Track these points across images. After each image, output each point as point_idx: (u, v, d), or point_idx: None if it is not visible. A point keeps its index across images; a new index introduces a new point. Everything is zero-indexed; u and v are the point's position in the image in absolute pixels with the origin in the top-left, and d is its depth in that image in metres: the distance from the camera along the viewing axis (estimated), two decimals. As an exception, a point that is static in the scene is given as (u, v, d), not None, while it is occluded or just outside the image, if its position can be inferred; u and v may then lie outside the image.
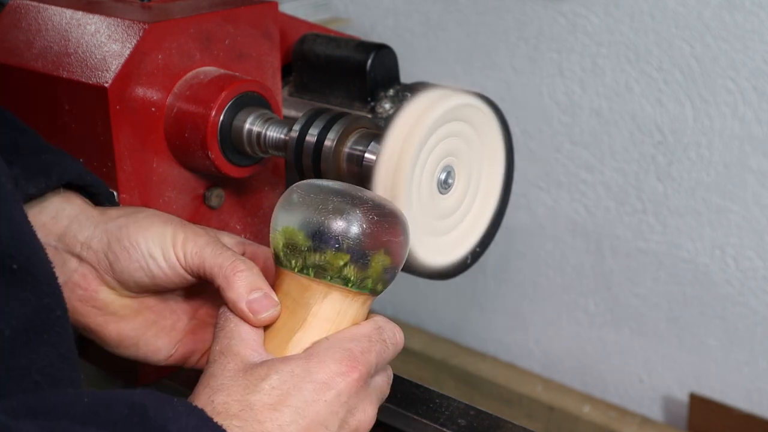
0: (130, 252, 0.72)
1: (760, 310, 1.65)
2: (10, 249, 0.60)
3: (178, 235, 0.71)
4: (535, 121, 1.80)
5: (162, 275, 0.72)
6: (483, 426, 0.83)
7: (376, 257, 0.67)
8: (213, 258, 0.70)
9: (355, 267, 0.66)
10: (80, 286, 0.73)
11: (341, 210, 0.66)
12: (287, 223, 0.68)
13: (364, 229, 0.66)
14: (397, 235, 0.68)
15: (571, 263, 1.85)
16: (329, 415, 0.63)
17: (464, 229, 0.87)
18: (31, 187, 0.73)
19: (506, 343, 2.00)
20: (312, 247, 0.66)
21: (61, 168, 0.75)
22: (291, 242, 0.67)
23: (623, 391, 1.86)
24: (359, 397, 0.65)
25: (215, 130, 0.86)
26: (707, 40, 1.57)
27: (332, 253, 0.66)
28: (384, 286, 0.69)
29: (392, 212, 0.68)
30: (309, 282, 0.67)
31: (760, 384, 1.69)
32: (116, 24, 0.86)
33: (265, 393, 0.62)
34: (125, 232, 0.72)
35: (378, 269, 0.67)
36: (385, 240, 0.67)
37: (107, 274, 0.73)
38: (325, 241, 0.66)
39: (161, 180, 0.88)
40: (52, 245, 0.73)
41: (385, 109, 0.97)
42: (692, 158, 1.64)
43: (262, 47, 0.94)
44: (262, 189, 0.97)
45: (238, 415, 0.61)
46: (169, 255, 0.71)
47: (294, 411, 0.62)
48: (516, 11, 1.76)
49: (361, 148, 0.84)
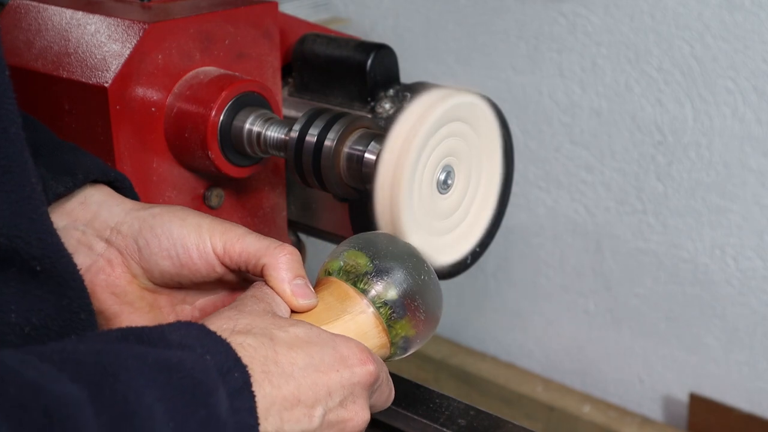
0: (161, 239, 0.72)
1: (760, 310, 1.65)
2: (35, 251, 0.61)
3: (215, 227, 0.72)
4: (535, 121, 1.80)
5: (191, 265, 0.72)
6: (483, 426, 0.83)
7: (406, 319, 0.70)
8: (257, 242, 0.70)
9: (391, 311, 0.70)
10: (104, 271, 0.73)
11: (410, 261, 0.71)
12: (353, 249, 0.71)
13: (419, 287, 0.71)
14: (430, 322, 0.73)
15: (571, 263, 1.85)
16: (338, 387, 0.63)
17: (464, 229, 0.87)
18: (60, 187, 0.73)
19: (506, 343, 2.00)
20: (371, 272, 0.70)
21: (84, 166, 0.76)
22: (352, 263, 0.70)
23: (623, 391, 1.86)
24: (365, 392, 0.66)
25: (215, 130, 0.86)
26: (707, 40, 1.57)
27: (386, 284, 0.70)
28: (394, 350, 0.72)
29: (439, 303, 0.73)
30: (356, 294, 0.69)
31: (760, 384, 1.69)
32: (116, 24, 0.86)
33: (289, 334, 0.63)
34: (159, 220, 0.73)
35: (402, 330, 0.71)
36: (421, 320, 0.72)
37: (133, 260, 0.73)
38: (385, 273, 0.70)
39: (161, 180, 0.88)
40: (80, 230, 0.74)
41: (385, 109, 0.97)
42: (692, 158, 1.64)
43: (262, 47, 0.94)
44: (262, 189, 0.97)
45: (257, 336, 0.61)
46: (204, 245, 0.71)
47: (311, 360, 0.62)
48: (516, 11, 1.76)
49: (361, 148, 0.84)
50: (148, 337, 0.57)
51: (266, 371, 0.60)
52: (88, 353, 0.53)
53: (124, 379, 0.52)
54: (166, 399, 0.53)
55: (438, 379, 1.99)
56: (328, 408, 0.63)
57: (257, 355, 0.60)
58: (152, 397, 0.52)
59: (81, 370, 0.51)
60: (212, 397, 0.55)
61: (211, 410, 0.55)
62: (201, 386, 0.55)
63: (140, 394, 0.52)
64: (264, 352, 0.60)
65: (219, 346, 0.59)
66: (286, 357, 0.61)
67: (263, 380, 0.59)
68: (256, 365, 0.59)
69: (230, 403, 0.56)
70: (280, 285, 0.68)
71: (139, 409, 0.51)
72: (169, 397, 0.53)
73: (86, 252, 0.73)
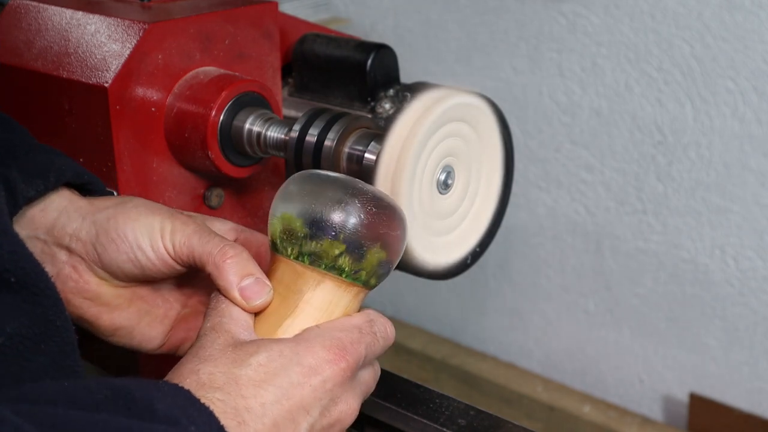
0: (118, 243, 0.72)
1: (760, 310, 1.65)
2: (7, 263, 0.60)
3: (165, 226, 0.71)
4: (535, 121, 1.80)
5: (151, 266, 0.72)
6: (483, 426, 0.83)
7: (372, 250, 0.67)
8: (201, 246, 0.70)
9: (350, 258, 0.67)
10: (71, 278, 0.73)
11: (340, 200, 0.67)
12: (286, 210, 0.68)
13: (361, 220, 0.66)
14: (394, 228, 0.68)
15: (571, 263, 1.85)
16: (313, 401, 0.63)
17: (464, 230, 0.87)
18: (31, 191, 0.73)
19: (506, 343, 2.00)
20: (309, 235, 0.66)
21: (57, 169, 0.75)
22: (288, 229, 0.67)
23: (623, 391, 1.86)
24: (344, 388, 0.65)
25: (215, 130, 0.86)
26: (707, 40, 1.57)
27: (328, 242, 0.66)
28: (378, 281, 0.69)
29: (391, 206, 0.68)
30: (303, 269, 0.67)
31: (760, 384, 1.69)
32: (116, 24, 0.86)
33: (251, 368, 0.62)
34: (113, 224, 0.72)
35: (373, 262, 0.67)
36: (382, 233, 0.67)
37: (96, 265, 0.73)
38: (322, 229, 0.66)
39: (161, 180, 0.88)
40: (42, 238, 0.74)
41: (385, 109, 0.97)
42: (692, 158, 1.64)
43: (262, 47, 0.94)
44: (262, 189, 0.97)
45: (222, 388, 0.61)
46: (157, 246, 0.71)
47: (279, 391, 0.62)
48: (516, 11, 1.76)
49: (361, 148, 0.84)
50: (137, 407, 0.56)
51: (241, 422, 0.60)
52: (81, 424, 0.53)
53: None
54: None
55: (438, 379, 1.99)
56: (311, 424, 0.63)
57: (227, 408, 0.60)
58: None
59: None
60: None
61: None
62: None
63: None
64: (233, 403, 0.60)
65: (203, 416, 0.58)
66: (256, 399, 0.61)
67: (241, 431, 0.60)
68: (229, 419, 0.59)
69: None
70: (229, 293, 0.67)
71: None
72: None
73: (50, 261, 0.73)
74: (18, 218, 0.73)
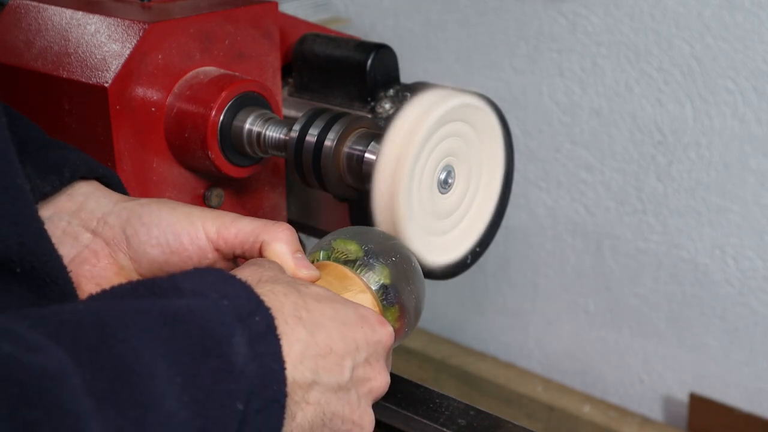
0: (150, 227, 0.71)
1: (760, 310, 1.65)
2: (14, 255, 0.60)
3: (206, 213, 0.71)
4: (535, 121, 1.80)
5: (181, 251, 0.71)
6: (483, 426, 0.83)
7: (394, 307, 0.70)
8: (251, 222, 0.69)
9: (385, 295, 0.69)
10: (89, 262, 0.72)
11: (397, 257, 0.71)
12: (342, 238, 0.71)
13: (398, 274, 0.70)
14: (411, 324, 0.72)
15: (571, 263, 1.85)
16: (363, 343, 0.62)
17: (464, 229, 0.87)
18: (47, 186, 0.73)
19: (506, 343, 2.00)
20: (363, 258, 0.70)
21: (72, 164, 0.75)
22: (343, 249, 0.70)
23: (623, 391, 1.86)
24: (385, 354, 0.65)
25: (215, 130, 0.86)
26: (707, 40, 1.57)
27: (381, 266, 0.69)
28: None
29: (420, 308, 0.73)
30: (353, 274, 0.69)
31: (760, 384, 1.69)
32: (116, 24, 0.86)
33: (311, 291, 0.61)
34: (147, 210, 0.72)
35: (392, 319, 0.70)
36: (404, 321, 0.71)
37: (120, 250, 0.72)
38: (376, 257, 0.70)
39: (161, 180, 0.88)
40: (65, 220, 0.73)
41: (385, 109, 0.97)
42: (692, 158, 1.64)
43: (262, 47, 0.94)
44: (262, 189, 0.97)
45: (285, 285, 0.59)
46: (196, 231, 0.70)
47: (336, 314, 0.61)
48: (516, 11, 1.76)
49: (361, 148, 0.84)
50: (159, 288, 0.55)
51: (299, 317, 0.58)
52: (88, 314, 0.51)
53: (122, 338, 0.50)
54: (171, 353, 0.50)
55: (438, 379, 1.99)
56: (357, 362, 0.62)
57: (287, 301, 0.58)
58: (154, 353, 0.50)
59: (78, 335, 0.49)
60: (226, 345, 0.52)
61: (225, 359, 0.52)
62: (211, 334, 0.52)
63: (139, 353, 0.49)
64: (293, 299, 0.59)
65: (238, 290, 0.56)
66: (315, 307, 0.60)
67: (297, 324, 0.58)
68: (288, 310, 0.58)
69: (250, 349, 0.53)
70: (282, 257, 0.67)
71: (138, 367, 0.49)
72: (174, 351, 0.51)
73: (71, 243, 0.72)
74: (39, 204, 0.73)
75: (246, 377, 0.53)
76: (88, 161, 0.76)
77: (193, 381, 0.51)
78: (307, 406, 0.58)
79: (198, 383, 0.51)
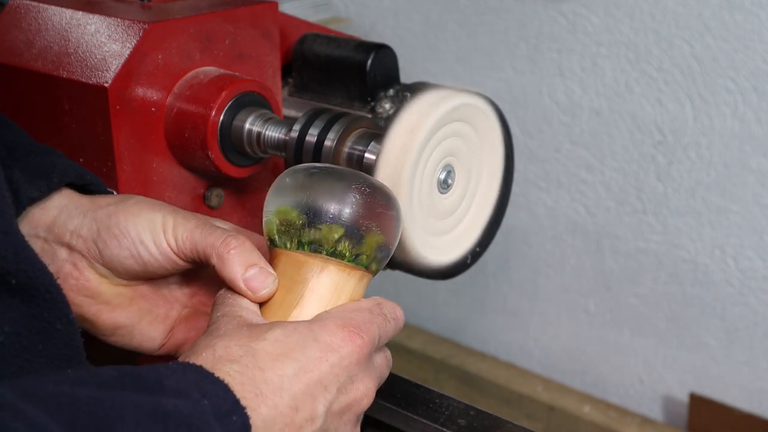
0: (120, 239, 0.71)
1: (760, 310, 1.65)
2: (10, 266, 0.60)
3: (168, 221, 0.71)
4: (535, 121, 1.80)
5: (153, 261, 0.72)
6: (483, 426, 0.83)
7: (370, 232, 0.67)
8: (204, 239, 0.69)
9: (350, 241, 0.67)
10: (72, 276, 0.73)
11: (334, 186, 0.67)
12: (281, 204, 0.68)
13: (357, 200, 0.67)
14: (389, 209, 0.69)
15: (571, 263, 1.85)
16: (331, 378, 0.62)
17: (464, 229, 0.87)
18: (34, 191, 0.73)
19: (506, 343, 2.00)
20: (306, 223, 0.67)
21: (60, 170, 0.75)
22: (285, 221, 0.68)
23: (623, 391, 1.86)
24: (361, 367, 0.64)
25: (215, 130, 0.86)
26: (707, 40, 1.57)
27: (327, 227, 0.67)
28: (378, 265, 0.69)
29: (383, 189, 0.69)
30: (305, 257, 0.67)
31: (760, 384, 1.69)
32: (116, 24, 0.86)
33: (268, 342, 0.61)
34: (114, 220, 0.72)
35: (372, 245, 0.68)
36: (378, 212, 0.68)
37: (97, 262, 0.73)
38: (319, 215, 0.67)
39: (161, 180, 0.88)
40: (42, 236, 0.73)
41: (385, 109, 0.97)
42: (692, 158, 1.64)
43: (262, 47, 0.94)
44: (262, 189, 0.97)
45: (239, 360, 0.60)
46: (159, 241, 0.71)
47: (296, 364, 0.61)
48: (516, 11, 1.76)
49: (361, 148, 0.84)
50: (145, 383, 0.56)
51: (258, 393, 0.59)
52: (86, 402, 0.52)
53: (118, 431, 0.52)
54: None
55: (438, 379, 1.99)
56: (329, 401, 0.62)
57: (245, 380, 0.59)
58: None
59: (77, 421, 0.51)
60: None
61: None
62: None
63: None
64: (251, 374, 0.60)
65: (217, 389, 0.58)
66: (273, 371, 0.60)
67: (258, 404, 0.59)
68: (247, 391, 0.59)
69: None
70: (235, 284, 0.67)
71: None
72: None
73: (51, 259, 0.72)
74: (20, 219, 0.73)
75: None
76: (75, 168, 0.77)
77: None
78: None
79: None
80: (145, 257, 0.72)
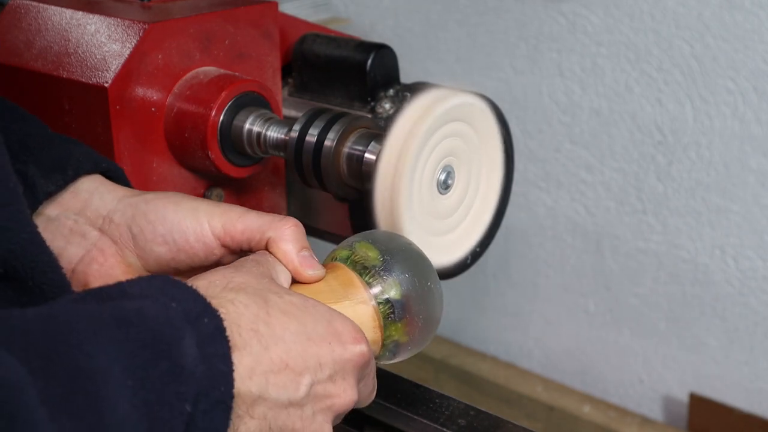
0: (156, 225, 0.71)
1: (760, 310, 1.65)
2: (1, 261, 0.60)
3: (212, 209, 0.70)
4: (535, 121, 1.80)
5: (187, 248, 0.70)
6: (483, 426, 0.83)
7: (402, 323, 0.68)
8: (259, 218, 0.69)
9: (393, 314, 0.68)
10: (97, 261, 0.72)
11: (423, 268, 0.70)
12: (364, 240, 0.70)
13: (420, 294, 0.69)
14: (424, 335, 0.70)
15: (571, 263, 1.85)
16: (328, 360, 0.61)
17: (464, 229, 0.87)
18: (50, 186, 0.72)
19: (506, 343, 2.00)
20: (379, 266, 0.68)
21: (75, 161, 0.74)
22: (363, 254, 0.69)
23: (623, 391, 1.86)
24: (353, 374, 0.63)
25: (215, 130, 0.86)
26: (707, 40, 1.57)
27: (392, 282, 0.68)
28: (383, 353, 0.70)
29: (435, 318, 0.71)
30: (360, 283, 0.68)
31: (760, 384, 1.69)
32: (116, 24, 0.86)
33: (284, 300, 0.61)
34: (152, 206, 0.71)
35: (396, 332, 0.68)
36: (417, 324, 0.69)
37: (127, 248, 0.72)
38: (393, 270, 0.68)
39: (161, 180, 0.88)
40: (72, 219, 0.72)
41: (385, 109, 0.97)
42: (692, 158, 1.64)
43: (262, 47, 0.94)
44: (262, 189, 0.97)
45: (249, 295, 0.59)
46: (201, 227, 0.70)
47: (303, 329, 0.60)
48: (516, 11, 1.76)
49: (361, 148, 0.84)
50: (107, 294, 0.54)
51: (255, 330, 0.57)
52: (37, 320, 0.50)
53: (75, 344, 0.49)
54: (123, 356, 0.50)
55: (438, 379, 1.99)
56: (317, 379, 0.60)
57: (247, 312, 0.58)
58: (108, 357, 0.49)
59: (29, 342, 0.48)
60: (175, 347, 0.52)
61: (175, 361, 0.52)
62: (161, 337, 0.52)
63: (94, 357, 0.49)
64: (255, 310, 0.58)
65: (185, 293, 0.55)
66: (279, 320, 0.59)
67: (251, 338, 0.57)
68: (244, 322, 0.57)
69: (199, 351, 0.53)
70: (287, 256, 0.66)
71: (93, 373, 0.48)
72: (126, 354, 0.50)
73: (79, 241, 0.72)
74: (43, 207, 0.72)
75: (195, 379, 0.53)
76: (91, 155, 0.76)
77: (143, 384, 0.50)
78: (250, 420, 0.57)
79: (148, 386, 0.50)
80: (180, 244, 0.70)
